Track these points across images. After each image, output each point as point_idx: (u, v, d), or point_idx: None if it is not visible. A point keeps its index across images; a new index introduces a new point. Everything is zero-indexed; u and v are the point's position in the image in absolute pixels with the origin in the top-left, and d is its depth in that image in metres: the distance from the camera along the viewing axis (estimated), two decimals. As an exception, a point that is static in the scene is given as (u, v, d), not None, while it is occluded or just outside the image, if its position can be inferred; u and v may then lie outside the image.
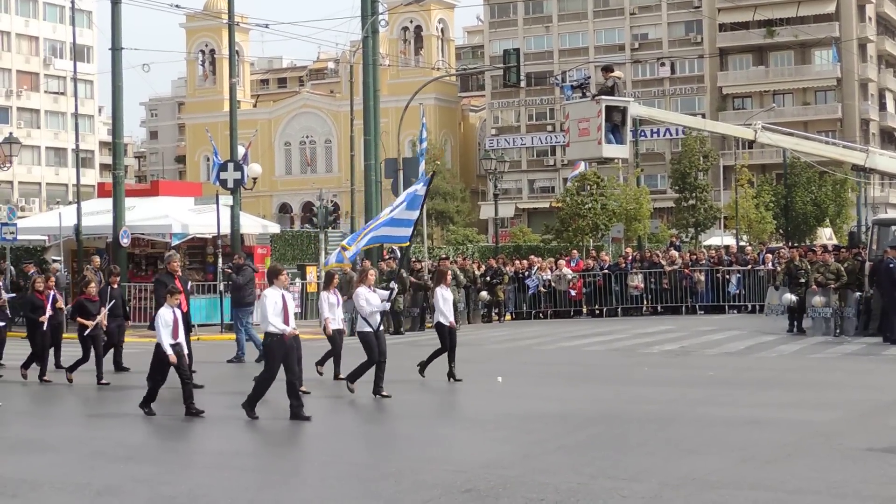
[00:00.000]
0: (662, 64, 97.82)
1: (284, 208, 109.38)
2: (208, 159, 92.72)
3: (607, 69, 26.20)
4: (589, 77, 29.98)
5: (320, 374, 19.95)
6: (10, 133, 47.37)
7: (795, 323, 28.63)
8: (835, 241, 62.19)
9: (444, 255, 41.88)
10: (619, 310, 37.29)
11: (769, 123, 31.27)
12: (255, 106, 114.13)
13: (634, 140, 53.72)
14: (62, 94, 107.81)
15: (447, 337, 19.47)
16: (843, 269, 27.66)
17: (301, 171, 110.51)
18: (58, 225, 37.31)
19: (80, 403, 18.89)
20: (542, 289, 37.46)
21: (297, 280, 36.26)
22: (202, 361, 22.54)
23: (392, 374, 18.45)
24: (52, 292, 21.48)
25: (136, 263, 36.98)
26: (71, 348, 21.91)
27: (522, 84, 63.67)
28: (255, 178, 38.58)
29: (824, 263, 28.03)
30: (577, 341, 27.42)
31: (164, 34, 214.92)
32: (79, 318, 20.57)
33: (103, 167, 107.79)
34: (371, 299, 17.68)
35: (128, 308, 24.56)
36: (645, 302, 37.50)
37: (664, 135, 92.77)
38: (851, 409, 15.73)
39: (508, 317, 37.78)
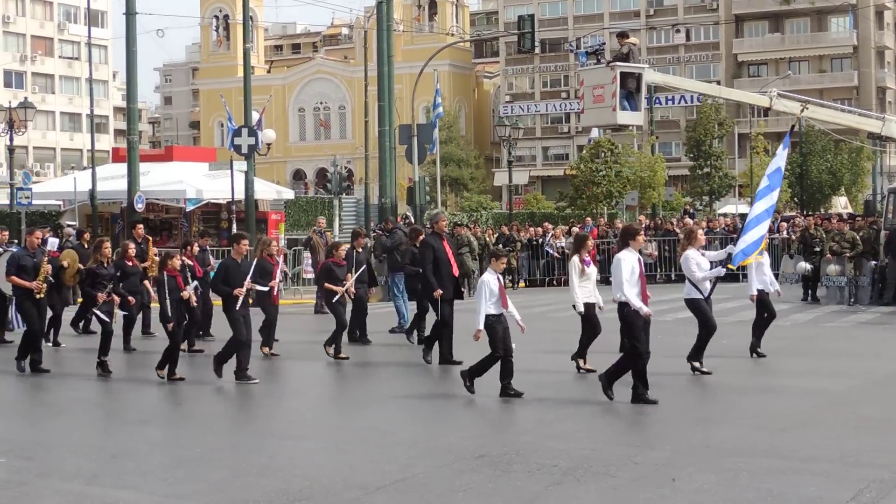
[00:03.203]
0: (678, 31, 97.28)
1: (298, 174, 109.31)
2: (222, 125, 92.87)
3: (622, 35, 26.09)
4: (604, 43, 29.76)
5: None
6: (25, 98, 47.45)
7: (810, 291, 28.58)
8: (850, 210, 62.02)
9: (457, 222, 41.86)
10: (633, 277, 37.27)
11: (785, 91, 31.15)
12: (269, 72, 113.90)
13: (649, 107, 53.56)
14: (76, 59, 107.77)
15: (767, 306, 17.91)
16: (858, 237, 27.57)
17: (315, 137, 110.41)
18: (73, 190, 37.43)
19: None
20: (557, 255, 37.44)
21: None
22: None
23: (392, 338, 18.53)
24: (281, 258, 19.52)
25: (150, 228, 37.03)
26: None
27: (537, 50, 63.61)
28: (269, 144, 38.61)
29: (839, 232, 27.95)
30: (591, 308, 27.39)
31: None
32: (326, 284, 19.01)
33: (118, 132, 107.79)
34: (703, 264, 15.87)
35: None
36: (659, 270, 37.45)
37: (679, 102, 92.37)
38: (866, 378, 15.72)
39: (522, 284, 37.76)
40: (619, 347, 14.98)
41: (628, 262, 13.49)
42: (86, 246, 23.52)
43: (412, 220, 36.64)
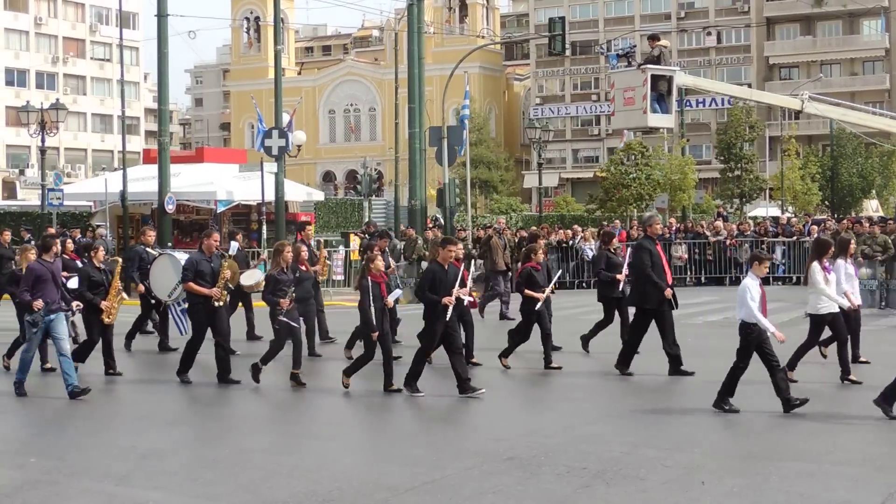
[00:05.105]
0: (709, 33, 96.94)
1: (328, 176, 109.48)
2: (253, 126, 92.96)
3: (653, 38, 26.08)
4: (634, 46, 29.86)
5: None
6: (57, 99, 47.73)
7: (841, 295, 28.39)
8: (881, 213, 61.63)
9: (485, 224, 41.79)
10: (663, 280, 37.13)
11: (816, 94, 31.01)
12: (299, 73, 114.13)
13: (679, 110, 53.39)
14: (108, 60, 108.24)
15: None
16: (889, 241, 27.43)
17: (345, 139, 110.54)
18: (103, 191, 37.61)
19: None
20: (586, 258, 37.37)
21: (341, 248, 36.35)
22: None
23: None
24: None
25: (181, 230, 37.22)
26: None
27: (567, 53, 63.47)
28: (299, 146, 38.75)
29: (871, 235, 27.81)
30: (620, 311, 27.33)
31: (209, 1, 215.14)
32: (526, 290, 17.98)
33: (149, 134, 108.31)
34: None
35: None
36: (688, 272, 37.32)
37: (710, 105, 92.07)
38: (897, 382, 15.59)
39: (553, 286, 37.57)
40: None
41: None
42: (239, 248, 23.41)
43: (442, 222, 36.65)
